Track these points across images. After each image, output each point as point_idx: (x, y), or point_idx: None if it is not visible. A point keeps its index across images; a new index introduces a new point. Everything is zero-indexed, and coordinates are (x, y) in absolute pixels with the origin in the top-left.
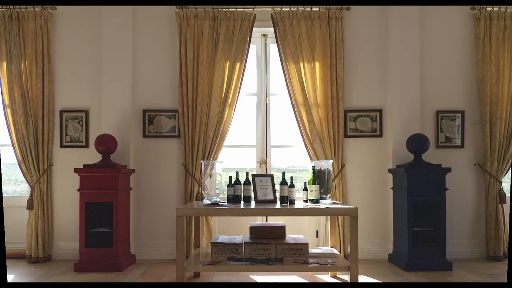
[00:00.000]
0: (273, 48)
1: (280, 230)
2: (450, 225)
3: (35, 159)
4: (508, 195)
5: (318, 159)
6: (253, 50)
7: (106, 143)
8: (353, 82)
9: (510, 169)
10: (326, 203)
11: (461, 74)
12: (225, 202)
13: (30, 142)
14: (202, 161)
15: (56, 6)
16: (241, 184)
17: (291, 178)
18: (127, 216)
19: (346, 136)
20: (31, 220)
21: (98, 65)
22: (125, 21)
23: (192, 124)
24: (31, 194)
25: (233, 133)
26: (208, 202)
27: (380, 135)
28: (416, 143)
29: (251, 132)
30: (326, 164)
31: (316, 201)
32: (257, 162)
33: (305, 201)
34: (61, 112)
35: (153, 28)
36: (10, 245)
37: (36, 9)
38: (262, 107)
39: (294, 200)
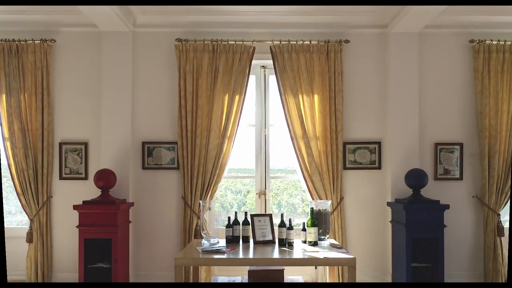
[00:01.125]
0: (272, 79)
1: (278, 274)
2: (449, 257)
3: (34, 192)
4: (506, 225)
5: (317, 192)
6: (252, 80)
7: (105, 179)
8: (352, 114)
9: (510, 197)
10: (324, 245)
11: (460, 106)
12: (223, 246)
13: (30, 175)
14: (200, 201)
15: (55, 39)
16: (239, 224)
17: (290, 220)
18: (127, 252)
19: (345, 168)
20: (30, 254)
21: (97, 97)
22: (125, 53)
23: (191, 157)
24: (31, 227)
25: (232, 163)
26: (207, 244)
27: (379, 167)
28: (415, 179)
29: (250, 162)
30: (325, 205)
31: (314, 243)
32: (256, 194)
33: (304, 242)
34: (60, 144)
35: (153, 60)
36: (10, 276)
37: (35, 42)
38: (261, 138)
39: (293, 242)
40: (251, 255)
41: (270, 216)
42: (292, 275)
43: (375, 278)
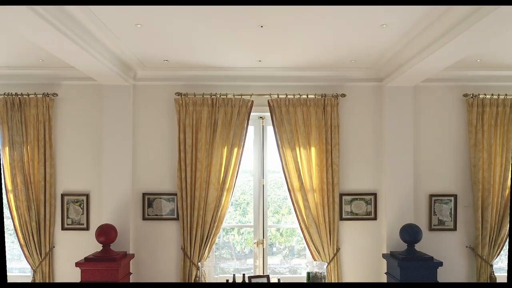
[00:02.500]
0: (270, 129)
1: None
2: None
3: (37, 242)
4: (499, 274)
5: (313, 244)
6: (251, 130)
7: (106, 234)
8: (348, 166)
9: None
10: None
11: (454, 158)
12: None
13: (33, 227)
14: (199, 264)
15: (57, 93)
16: None
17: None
18: None
19: (341, 219)
20: None
21: (98, 148)
22: (125, 105)
23: (190, 208)
24: (34, 278)
25: (232, 211)
26: None
27: (375, 218)
28: (409, 235)
29: (248, 210)
30: (321, 269)
31: None
32: (254, 243)
33: None
34: (62, 195)
35: (153, 113)
36: None
37: (37, 96)
38: (259, 188)
39: None
40: None
41: (268, 277)
42: None
43: None
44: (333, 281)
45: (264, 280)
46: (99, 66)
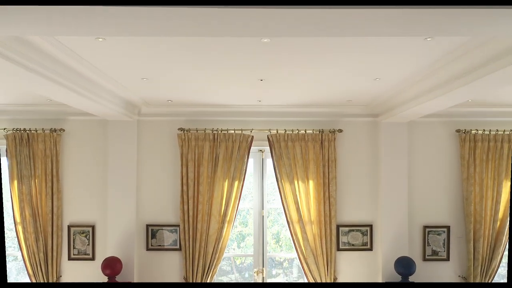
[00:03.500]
0: (270, 161)
1: None
2: None
3: (44, 273)
4: None
5: (311, 273)
6: (250, 162)
7: (112, 267)
8: (345, 198)
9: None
10: None
11: (447, 191)
12: None
13: (41, 258)
14: None
15: (64, 128)
16: None
17: None
18: None
19: (338, 249)
20: None
21: (104, 181)
22: (130, 140)
23: (192, 240)
24: None
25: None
26: None
27: (371, 249)
28: (403, 268)
29: (248, 240)
30: None
31: None
32: (254, 272)
33: None
34: (69, 227)
35: (156, 146)
36: None
37: (45, 131)
38: (258, 219)
39: None
40: None
41: None
42: None
43: None
44: None
45: None
46: (106, 110)
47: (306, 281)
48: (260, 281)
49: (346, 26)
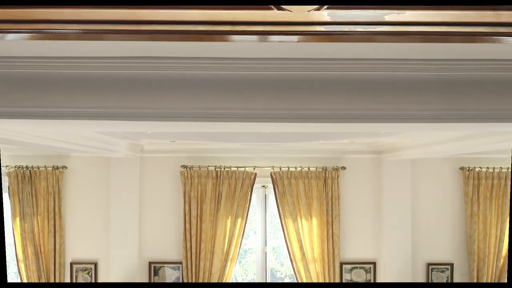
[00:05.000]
0: (272, 196)
1: None
2: None
3: None
4: None
5: None
6: (253, 197)
7: None
8: (348, 235)
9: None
10: None
11: (451, 229)
12: None
13: None
14: None
15: (66, 165)
16: None
17: None
18: None
19: None
20: None
21: (106, 218)
22: (132, 176)
23: (195, 278)
24: None
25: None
26: None
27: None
28: None
29: (251, 276)
30: None
31: None
32: None
33: None
34: (71, 264)
35: (159, 183)
36: None
37: (47, 169)
38: (261, 258)
39: None
40: None
41: None
42: None
43: None
44: None
45: None
46: (110, 153)
47: None
48: None
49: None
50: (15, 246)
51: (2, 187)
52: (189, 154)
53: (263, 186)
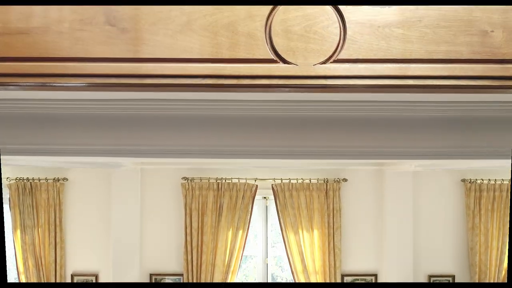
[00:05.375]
0: (274, 208)
1: None
2: None
3: None
4: None
5: None
6: (254, 209)
7: None
8: (350, 247)
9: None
10: None
11: (452, 241)
12: None
13: None
14: None
15: (67, 177)
16: None
17: None
18: None
19: None
20: None
21: (107, 230)
22: (133, 188)
23: None
24: None
25: None
26: None
27: None
28: None
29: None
30: None
31: None
32: None
33: None
34: (72, 276)
35: (160, 195)
36: None
37: (48, 181)
38: (262, 267)
39: None
40: None
41: None
42: None
43: None
44: None
45: None
46: (111, 167)
47: None
48: None
49: None
50: (15, 258)
51: (3, 197)
52: (190, 166)
53: (264, 197)
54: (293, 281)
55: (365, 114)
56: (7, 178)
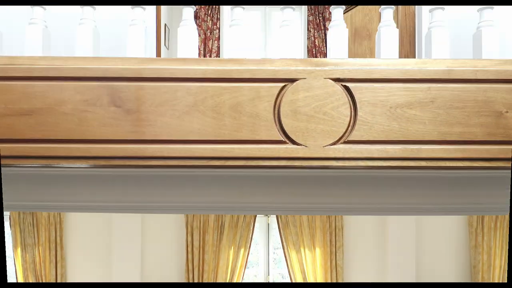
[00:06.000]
0: (275, 226)
1: None
2: None
3: None
4: None
5: None
6: (255, 226)
7: None
8: (352, 266)
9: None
10: None
11: (455, 259)
12: None
13: None
14: None
15: None
16: None
17: None
18: None
19: None
20: None
21: (108, 249)
22: None
23: None
24: None
25: None
26: None
27: None
28: None
29: None
30: None
31: None
32: None
33: None
34: None
35: (161, 215)
36: None
37: None
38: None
39: None
40: None
41: None
42: None
43: None
44: None
45: None
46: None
47: None
48: None
49: None
50: (16, 277)
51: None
52: None
53: (266, 215)
54: None
55: (369, 173)
56: None
